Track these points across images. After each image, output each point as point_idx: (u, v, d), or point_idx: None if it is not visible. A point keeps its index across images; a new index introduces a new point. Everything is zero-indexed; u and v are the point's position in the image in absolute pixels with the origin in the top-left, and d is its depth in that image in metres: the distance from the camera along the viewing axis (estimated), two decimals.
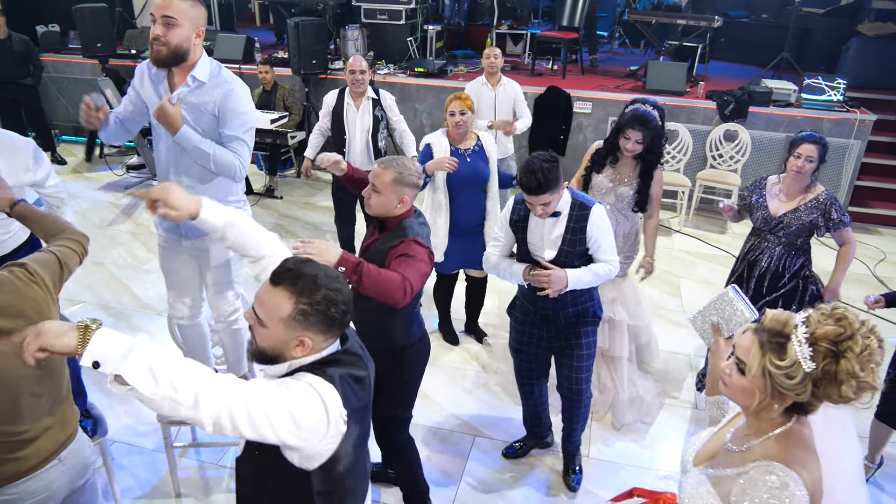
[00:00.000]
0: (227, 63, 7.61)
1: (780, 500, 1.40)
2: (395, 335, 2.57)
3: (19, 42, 6.85)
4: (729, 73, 7.91)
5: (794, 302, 3.44)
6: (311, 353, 1.58)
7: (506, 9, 8.27)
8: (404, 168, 2.44)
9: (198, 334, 2.96)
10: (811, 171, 3.24)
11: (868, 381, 1.37)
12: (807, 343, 1.39)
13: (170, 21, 2.44)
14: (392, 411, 2.71)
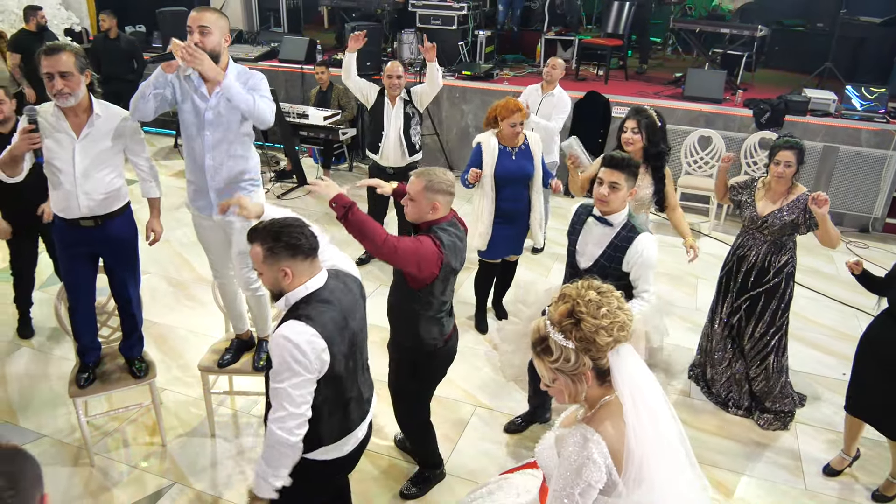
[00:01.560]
0: (290, 63, 8.28)
1: (580, 451, 1.71)
2: (423, 339, 2.84)
3: (126, 42, 7.62)
4: (779, 82, 7.93)
5: (775, 297, 3.66)
6: (297, 281, 2.11)
7: (556, 15, 8.55)
8: (434, 177, 2.68)
9: (232, 292, 3.45)
10: (791, 174, 3.47)
11: (609, 324, 1.68)
12: (555, 330, 1.71)
13: (204, 29, 2.90)
14: (413, 401, 3.09)
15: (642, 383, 1.76)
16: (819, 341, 4.64)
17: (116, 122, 3.16)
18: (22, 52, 7.20)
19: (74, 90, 2.95)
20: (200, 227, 3.33)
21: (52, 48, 2.93)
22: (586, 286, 1.76)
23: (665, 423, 1.79)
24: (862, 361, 3.31)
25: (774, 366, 3.79)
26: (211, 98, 3.02)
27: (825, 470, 3.48)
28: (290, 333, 2.02)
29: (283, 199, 6.97)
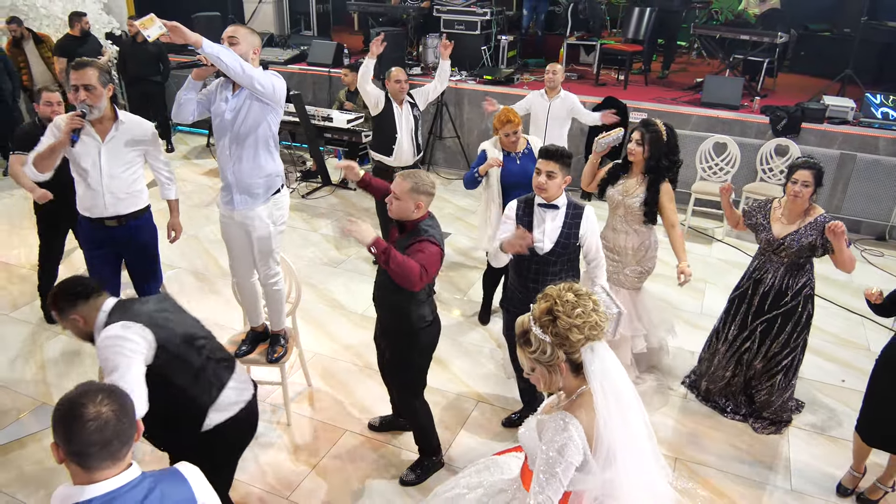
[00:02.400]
0: (318, 66, 8.56)
1: (560, 435, 1.92)
2: (411, 319, 3.08)
3: (154, 45, 7.97)
4: (803, 88, 7.91)
5: (791, 320, 3.67)
6: (91, 318, 2.37)
7: (578, 20, 8.66)
8: (419, 179, 2.92)
9: (251, 292, 3.70)
10: (808, 195, 3.44)
11: (582, 323, 1.89)
12: (535, 325, 1.93)
13: (232, 40, 3.15)
14: (408, 381, 3.29)
15: (615, 378, 1.95)
16: (822, 348, 4.71)
17: (138, 129, 3.48)
18: (67, 56, 7.60)
19: (96, 102, 3.27)
20: (224, 224, 3.57)
21: (80, 63, 3.24)
22: (567, 288, 1.96)
23: (633, 415, 1.98)
24: (878, 384, 3.23)
25: (781, 383, 3.80)
26: (231, 100, 3.27)
27: (838, 490, 3.45)
28: (111, 332, 2.25)
29: (307, 198, 7.24)
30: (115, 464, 1.53)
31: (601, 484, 1.96)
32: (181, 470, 1.72)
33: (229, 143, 3.33)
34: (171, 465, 1.77)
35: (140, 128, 3.50)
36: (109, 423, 1.49)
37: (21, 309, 4.94)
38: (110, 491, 1.51)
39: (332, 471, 3.51)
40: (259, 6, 9.56)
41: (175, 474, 1.70)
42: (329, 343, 4.62)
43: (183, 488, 1.67)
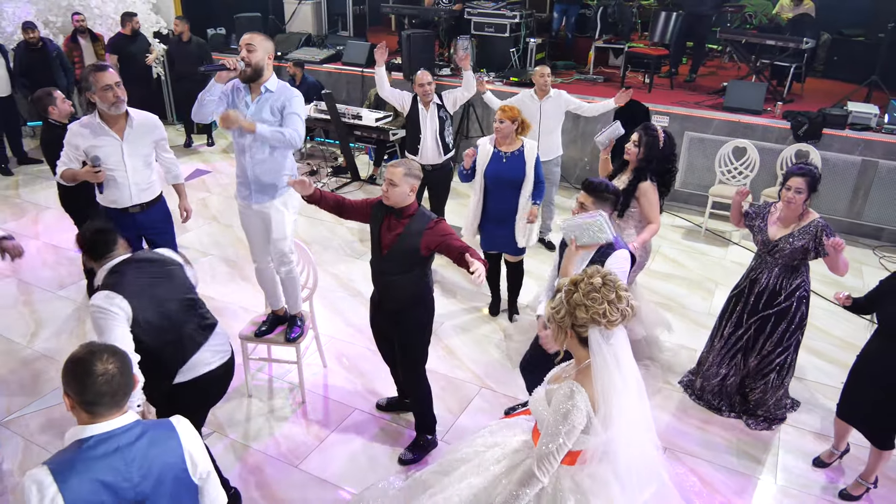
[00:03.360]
0: (352, 66, 8.86)
1: (567, 402, 2.18)
2: (424, 291, 3.41)
3: (197, 45, 8.41)
4: (832, 94, 7.86)
5: (784, 320, 3.80)
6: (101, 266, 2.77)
7: (607, 24, 8.78)
8: (409, 164, 3.25)
9: (270, 277, 4.01)
10: (801, 200, 3.57)
11: (590, 304, 2.13)
12: (566, 287, 2.21)
13: (250, 47, 3.45)
14: (417, 359, 3.56)
15: (621, 357, 2.19)
16: (825, 350, 4.79)
17: (148, 123, 3.89)
18: (118, 54, 8.09)
19: (125, 97, 3.71)
20: (243, 214, 3.89)
21: (101, 66, 3.63)
22: (603, 274, 2.22)
23: (632, 392, 2.23)
24: (856, 375, 3.47)
25: (774, 382, 3.94)
26: (252, 105, 3.57)
27: (815, 462, 3.71)
28: (97, 301, 2.61)
29: (337, 192, 7.53)
30: (118, 411, 1.82)
31: (604, 441, 2.23)
32: (173, 422, 1.96)
33: (248, 144, 3.63)
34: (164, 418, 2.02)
35: (150, 121, 3.92)
36: (115, 377, 1.77)
37: (67, 288, 5.36)
38: (107, 431, 1.78)
39: (339, 444, 3.79)
40: (298, 7, 9.92)
41: (165, 425, 1.93)
42: (345, 328, 4.91)
43: (171, 437, 1.90)
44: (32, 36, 7.42)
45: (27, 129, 8.91)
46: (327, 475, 3.57)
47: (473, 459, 2.65)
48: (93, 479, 1.73)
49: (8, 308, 5.05)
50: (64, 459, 1.76)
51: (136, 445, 1.81)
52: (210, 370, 2.94)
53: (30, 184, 7.54)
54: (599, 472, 2.31)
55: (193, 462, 1.92)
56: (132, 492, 1.79)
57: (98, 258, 2.78)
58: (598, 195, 3.25)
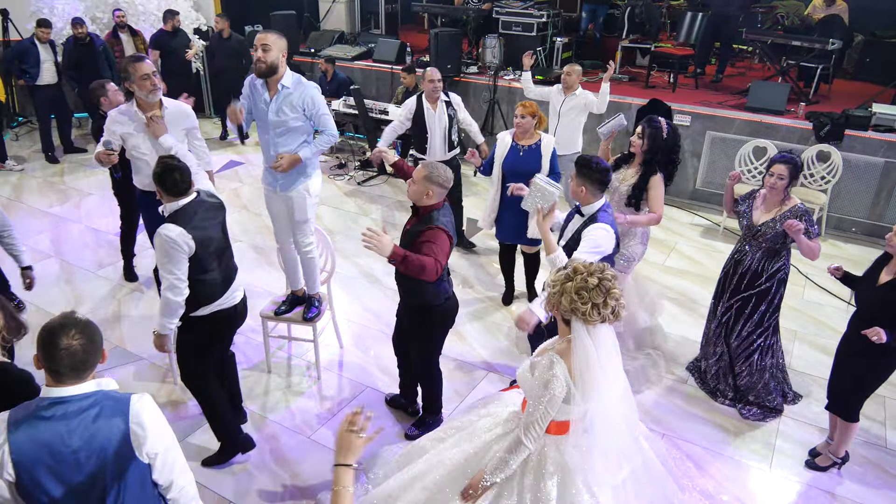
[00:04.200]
0: (382, 63, 9.10)
1: (547, 373, 2.35)
2: (425, 296, 3.48)
3: (236, 41, 8.75)
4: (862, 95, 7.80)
5: (765, 301, 3.95)
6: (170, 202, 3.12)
7: (635, 24, 8.84)
8: (434, 170, 3.27)
9: (291, 260, 4.25)
10: (783, 186, 3.73)
11: (573, 299, 2.28)
12: (563, 270, 2.38)
13: (265, 47, 3.67)
14: (424, 351, 3.72)
15: (601, 343, 2.34)
16: (830, 346, 4.80)
17: (181, 112, 4.12)
18: (160, 49, 8.47)
19: (161, 86, 3.98)
20: (268, 198, 4.13)
21: (138, 57, 3.89)
22: (599, 271, 2.34)
23: (609, 375, 2.37)
24: (839, 359, 3.65)
25: (758, 363, 4.07)
26: (272, 102, 3.81)
27: (811, 452, 3.81)
28: (170, 232, 3.02)
29: (363, 185, 7.79)
30: (79, 381, 1.95)
31: (585, 412, 2.39)
32: (132, 399, 2.01)
33: (272, 136, 3.88)
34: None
35: (182, 110, 4.15)
36: (77, 354, 1.90)
37: (105, 268, 5.70)
38: (62, 396, 1.92)
39: None
40: (333, 6, 10.21)
41: (122, 400, 1.99)
42: (363, 312, 5.13)
43: (119, 414, 1.96)
44: (80, 31, 7.83)
45: (73, 121, 9.37)
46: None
47: (467, 428, 2.84)
48: (36, 436, 1.88)
49: (50, 286, 5.40)
50: (21, 413, 1.92)
51: (83, 415, 1.93)
52: (222, 309, 3.36)
53: (74, 171, 7.96)
54: (582, 443, 2.47)
55: (139, 441, 1.97)
56: (71, 457, 1.90)
57: (171, 194, 3.10)
58: (580, 170, 3.43)
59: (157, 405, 2.09)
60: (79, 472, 1.93)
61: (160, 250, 3.05)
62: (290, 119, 3.80)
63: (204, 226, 3.17)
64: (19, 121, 9.12)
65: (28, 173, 7.78)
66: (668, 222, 6.85)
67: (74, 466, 1.92)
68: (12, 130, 8.96)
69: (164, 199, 3.13)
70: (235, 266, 3.49)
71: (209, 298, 3.28)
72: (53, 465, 1.90)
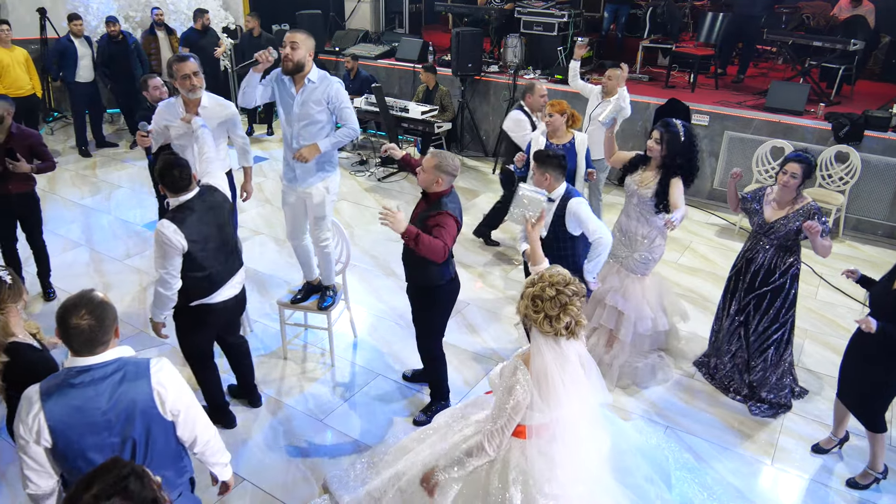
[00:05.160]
0: (405, 62, 9.26)
1: (510, 378, 2.39)
2: (431, 277, 3.64)
3: (266, 40, 8.95)
4: (886, 96, 7.74)
5: (779, 297, 4.00)
6: (172, 197, 3.25)
7: (656, 24, 8.86)
8: (444, 160, 3.44)
9: (304, 252, 4.41)
10: (795, 185, 3.78)
11: (527, 307, 2.31)
12: (531, 277, 2.43)
13: (294, 45, 3.82)
14: (426, 330, 3.85)
15: (565, 354, 2.35)
16: (840, 345, 4.82)
17: (221, 109, 4.25)
18: (190, 47, 8.71)
19: (201, 84, 4.08)
20: (286, 194, 4.28)
21: (181, 57, 4.04)
22: (559, 282, 2.32)
23: (571, 384, 2.38)
24: (849, 353, 3.65)
25: (773, 358, 4.12)
26: (297, 96, 3.96)
27: (814, 448, 3.85)
28: (164, 229, 3.15)
29: (383, 181, 7.94)
30: (94, 354, 2.10)
31: (553, 421, 2.42)
32: (151, 362, 2.19)
33: (296, 129, 4.02)
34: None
35: (222, 107, 4.29)
36: (85, 332, 2.05)
37: (132, 258, 5.93)
38: (87, 364, 2.09)
39: (361, 404, 4.15)
40: (358, 5, 10.39)
41: (141, 364, 2.17)
42: (378, 304, 5.27)
43: (142, 376, 2.14)
44: (114, 29, 8.11)
45: (105, 116, 9.68)
46: (348, 430, 3.93)
47: (442, 429, 2.94)
48: (68, 402, 2.05)
49: (81, 274, 5.63)
50: (52, 383, 2.09)
51: (109, 380, 2.10)
52: (222, 301, 3.51)
53: (106, 165, 8.25)
54: (548, 451, 2.48)
55: (162, 400, 2.15)
56: (101, 418, 2.08)
57: (172, 191, 3.24)
58: (539, 161, 3.60)
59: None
60: (109, 432, 2.10)
61: (155, 244, 3.21)
62: (314, 112, 3.95)
63: (201, 224, 3.28)
64: (55, 116, 9.45)
65: (62, 166, 8.07)
66: (685, 221, 6.87)
67: (105, 427, 2.09)
68: (48, 125, 9.28)
69: (168, 194, 3.27)
70: (237, 263, 3.60)
71: (199, 293, 3.42)
72: (86, 428, 2.07)
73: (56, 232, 6.34)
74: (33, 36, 8.90)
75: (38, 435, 2.03)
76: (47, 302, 5.17)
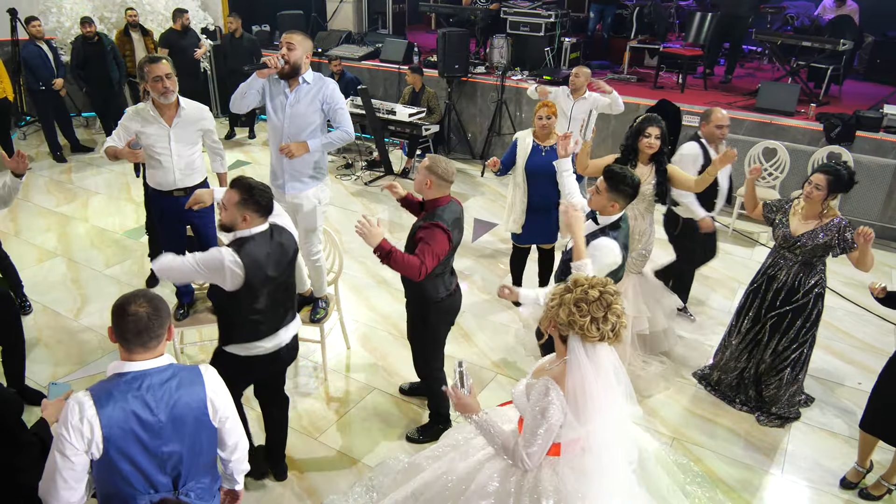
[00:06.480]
0: (389, 63, 9.09)
1: (543, 400, 2.27)
2: (426, 290, 3.43)
3: (248, 40, 8.74)
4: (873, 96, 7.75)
5: (801, 316, 3.84)
6: (246, 226, 2.82)
7: (643, 24, 8.80)
8: (436, 162, 3.28)
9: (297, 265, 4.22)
10: (820, 197, 3.62)
11: (572, 314, 2.19)
12: (566, 284, 2.29)
13: (291, 45, 3.67)
14: (422, 348, 3.68)
15: (601, 365, 2.25)
16: (845, 351, 4.79)
17: (197, 113, 4.06)
18: (169, 48, 8.46)
19: (174, 88, 3.86)
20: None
21: (154, 58, 3.83)
22: (601, 285, 2.25)
23: (605, 394, 2.28)
24: (888, 381, 3.40)
25: (788, 377, 3.97)
26: (291, 95, 3.80)
27: (842, 483, 3.61)
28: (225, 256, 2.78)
29: (370, 185, 7.77)
30: (148, 352, 2.05)
31: (585, 435, 2.31)
32: (201, 369, 2.20)
33: (287, 131, 3.85)
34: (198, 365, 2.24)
35: (198, 111, 4.10)
36: (142, 319, 2.00)
37: (112, 268, 5.70)
38: (143, 369, 2.05)
39: (356, 421, 3.99)
40: (340, 5, 10.20)
41: (194, 370, 2.17)
42: (370, 313, 5.11)
43: (196, 382, 2.13)
44: (89, 30, 7.83)
45: (80, 120, 9.39)
46: (344, 448, 3.77)
47: (462, 446, 2.80)
48: (125, 407, 1.99)
49: (58, 284, 5.40)
50: (104, 388, 2.02)
51: (166, 386, 2.06)
52: (267, 353, 3.10)
53: (81, 170, 7.97)
54: (579, 465, 2.38)
55: (214, 407, 2.16)
56: (156, 424, 2.04)
57: (260, 214, 2.85)
58: (613, 184, 3.28)
59: None
60: (161, 439, 2.06)
61: (207, 263, 2.79)
62: (308, 113, 3.81)
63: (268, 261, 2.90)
64: (27, 120, 9.14)
65: (35, 172, 7.79)
66: None
67: (159, 433, 2.05)
68: (20, 129, 8.97)
69: (247, 218, 2.85)
70: (289, 316, 3.20)
71: (243, 338, 3.03)
72: (141, 434, 2.02)
73: (31, 241, 6.09)
74: (3, 38, 8.58)
75: (89, 443, 1.95)
76: (23, 316, 4.92)
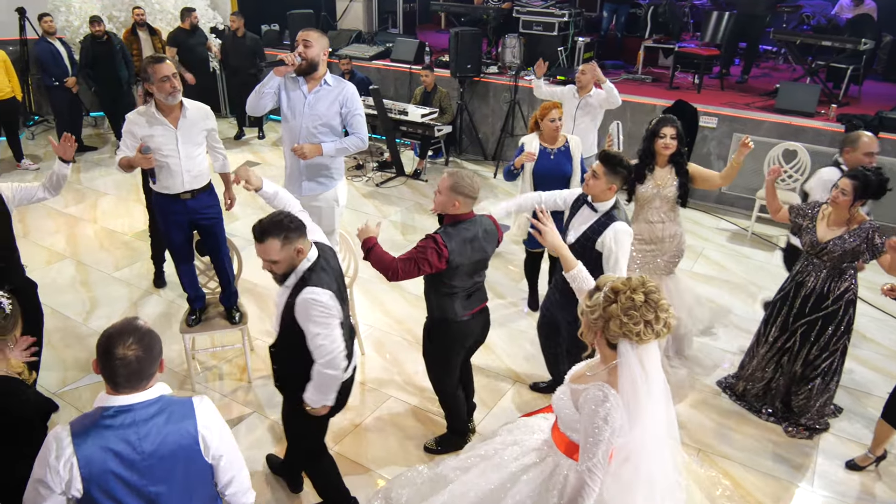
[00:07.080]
0: (400, 63, 9.00)
1: (599, 406, 2.15)
2: (435, 310, 3.33)
3: (251, 40, 8.66)
4: (893, 96, 7.63)
5: (832, 324, 3.73)
6: (303, 255, 2.63)
7: (658, 23, 8.68)
8: (460, 180, 3.09)
9: None
10: (846, 203, 3.51)
11: (625, 321, 2.09)
12: (603, 291, 2.17)
13: (307, 43, 3.58)
14: (437, 366, 3.54)
15: (648, 368, 2.17)
16: (870, 359, 4.67)
17: (201, 113, 3.96)
18: (177, 47, 8.40)
19: (181, 87, 3.77)
20: None
21: (158, 58, 3.72)
22: (639, 286, 2.15)
23: (656, 401, 2.22)
24: None
25: (818, 387, 3.86)
26: (309, 95, 3.71)
27: (848, 464, 3.65)
28: (316, 295, 2.59)
29: (381, 186, 7.67)
30: (137, 390, 1.91)
31: (627, 442, 2.22)
32: (195, 401, 2.02)
33: (304, 132, 3.76)
34: (195, 396, 2.07)
35: (202, 111, 3.99)
36: (132, 364, 1.86)
37: (122, 270, 5.61)
38: (128, 404, 1.89)
39: (373, 429, 3.89)
40: (350, 4, 10.10)
41: (186, 404, 2.00)
42: (385, 318, 5.01)
43: (188, 417, 1.96)
44: (98, 29, 7.76)
45: (88, 119, 9.32)
46: (361, 458, 3.67)
47: (493, 458, 2.69)
48: (104, 446, 1.85)
49: (66, 287, 5.32)
50: (84, 424, 1.88)
51: (153, 421, 1.90)
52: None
53: (90, 170, 7.90)
54: (622, 474, 2.29)
55: (206, 444, 1.98)
56: (141, 463, 1.89)
57: (305, 235, 2.66)
58: (610, 167, 3.26)
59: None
60: (148, 478, 1.92)
61: (310, 315, 2.61)
62: (325, 114, 3.73)
63: (340, 287, 2.78)
64: (35, 119, 9.07)
65: (44, 172, 7.71)
66: (695, 227, 6.70)
67: (146, 472, 1.91)
68: (28, 129, 8.91)
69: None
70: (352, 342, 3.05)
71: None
72: (124, 474, 1.88)
73: (39, 243, 6.01)
74: (12, 37, 8.52)
75: (68, 485, 1.81)
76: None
